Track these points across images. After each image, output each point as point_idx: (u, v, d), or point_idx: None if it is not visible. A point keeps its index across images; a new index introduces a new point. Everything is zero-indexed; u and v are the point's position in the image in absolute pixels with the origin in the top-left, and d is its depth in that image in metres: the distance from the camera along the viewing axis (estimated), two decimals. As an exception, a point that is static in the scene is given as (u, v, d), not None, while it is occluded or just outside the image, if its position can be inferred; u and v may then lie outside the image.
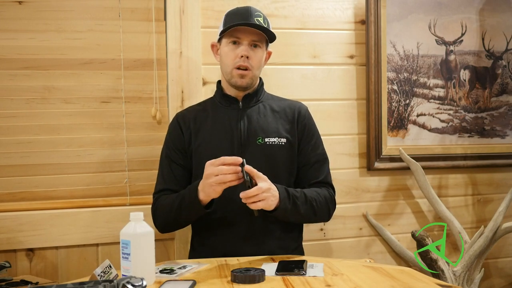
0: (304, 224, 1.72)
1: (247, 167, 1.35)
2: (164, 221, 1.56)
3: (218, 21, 1.66)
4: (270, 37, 1.58)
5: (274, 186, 1.42)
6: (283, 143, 1.59)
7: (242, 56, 1.55)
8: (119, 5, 1.89)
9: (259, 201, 1.35)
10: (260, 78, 1.69)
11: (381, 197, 2.14)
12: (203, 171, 1.40)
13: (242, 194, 1.33)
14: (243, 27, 1.53)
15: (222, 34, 1.58)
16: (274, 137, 1.59)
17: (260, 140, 1.58)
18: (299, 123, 1.64)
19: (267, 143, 1.58)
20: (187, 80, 1.91)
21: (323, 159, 1.66)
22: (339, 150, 2.09)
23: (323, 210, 1.57)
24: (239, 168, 1.33)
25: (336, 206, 1.65)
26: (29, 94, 1.83)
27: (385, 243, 2.14)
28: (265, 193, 1.36)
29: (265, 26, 1.55)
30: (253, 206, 1.35)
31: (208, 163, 1.38)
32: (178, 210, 1.49)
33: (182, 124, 1.65)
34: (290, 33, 2.03)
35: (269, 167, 1.51)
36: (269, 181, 1.40)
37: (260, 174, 1.38)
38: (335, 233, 2.08)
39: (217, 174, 1.34)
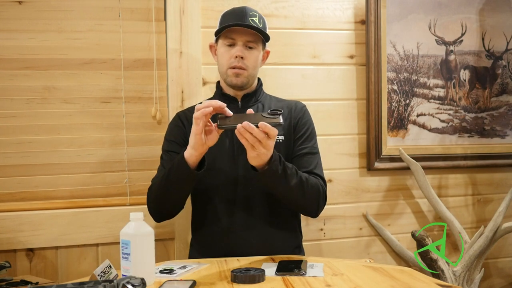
0: (303, 224, 1.71)
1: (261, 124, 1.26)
2: (157, 197, 1.50)
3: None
4: (265, 36, 1.59)
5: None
6: (280, 140, 1.59)
7: (236, 57, 1.56)
8: (119, 5, 1.89)
9: (254, 144, 1.27)
10: (259, 79, 1.69)
11: (381, 197, 2.14)
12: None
13: (245, 124, 1.24)
14: (238, 27, 1.53)
15: (219, 35, 1.59)
16: None
17: None
18: (294, 118, 1.64)
19: None
20: (187, 80, 1.91)
21: (315, 152, 1.62)
22: (339, 150, 2.09)
23: (313, 195, 1.51)
24: (207, 111, 1.30)
25: (336, 206, 1.63)
26: (29, 94, 1.83)
27: (385, 243, 2.14)
28: (264, 144, 1.28)
29: (260, 26, 1.55)
30: (244, 142, 1.28)
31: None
32: (169, 175, 1.44)
33: (184, 120, 1.65)
34: (290, 33, 2.03)
35: None
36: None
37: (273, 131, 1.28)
38: (335, 233, 2.08)
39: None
